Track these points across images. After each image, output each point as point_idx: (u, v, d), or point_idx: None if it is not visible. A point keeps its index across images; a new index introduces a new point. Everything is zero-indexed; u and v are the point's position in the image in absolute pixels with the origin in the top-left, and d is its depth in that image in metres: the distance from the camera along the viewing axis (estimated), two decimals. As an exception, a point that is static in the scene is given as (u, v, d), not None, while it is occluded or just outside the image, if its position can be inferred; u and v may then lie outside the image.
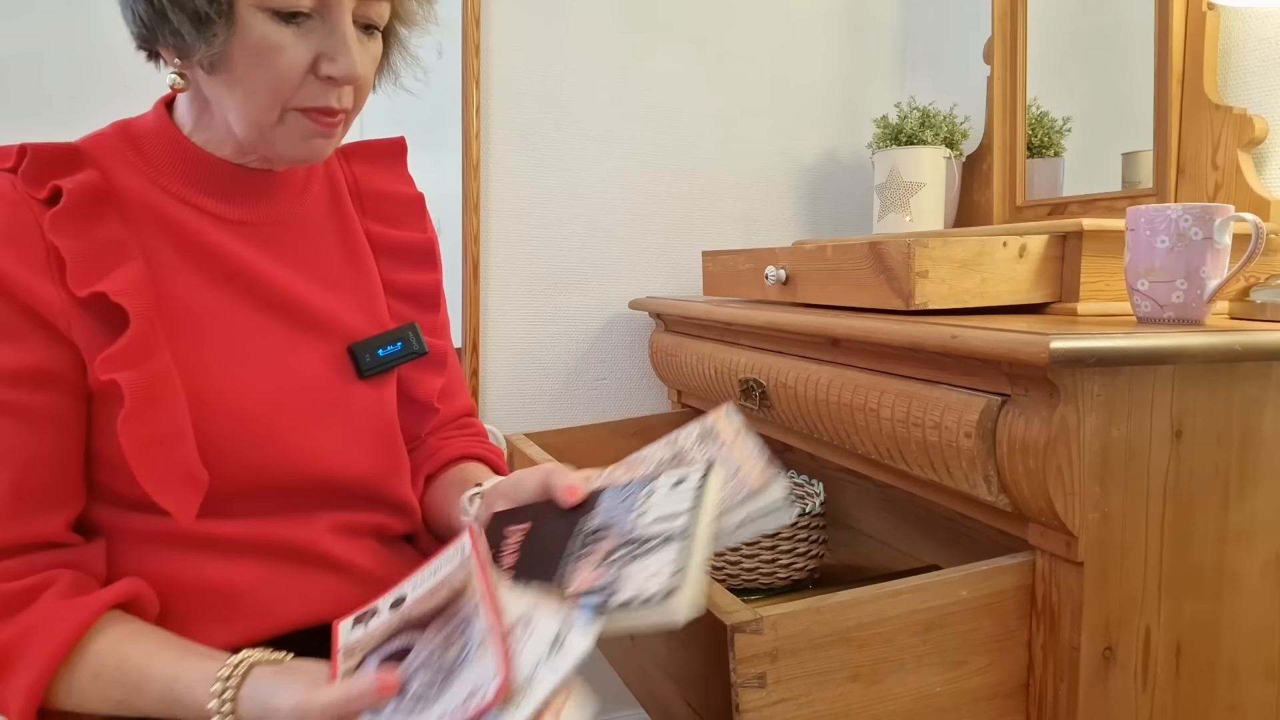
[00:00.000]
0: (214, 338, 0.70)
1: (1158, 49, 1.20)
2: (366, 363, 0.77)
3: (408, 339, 0.80)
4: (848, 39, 1.82)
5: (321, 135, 0.70)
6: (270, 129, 0.69)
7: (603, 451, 1.56)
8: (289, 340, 0.74)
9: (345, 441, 0.75)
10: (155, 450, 0.64)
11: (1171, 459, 0.77)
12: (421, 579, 0.67)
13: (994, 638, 0.79)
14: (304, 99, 0.68)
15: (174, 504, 0.65)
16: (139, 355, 0.64)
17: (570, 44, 1.64)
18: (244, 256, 0.73)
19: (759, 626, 0.69)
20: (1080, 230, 0.94)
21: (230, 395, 0.69)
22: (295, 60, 0.66)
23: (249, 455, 0.69)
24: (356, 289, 0.80)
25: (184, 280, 0.70)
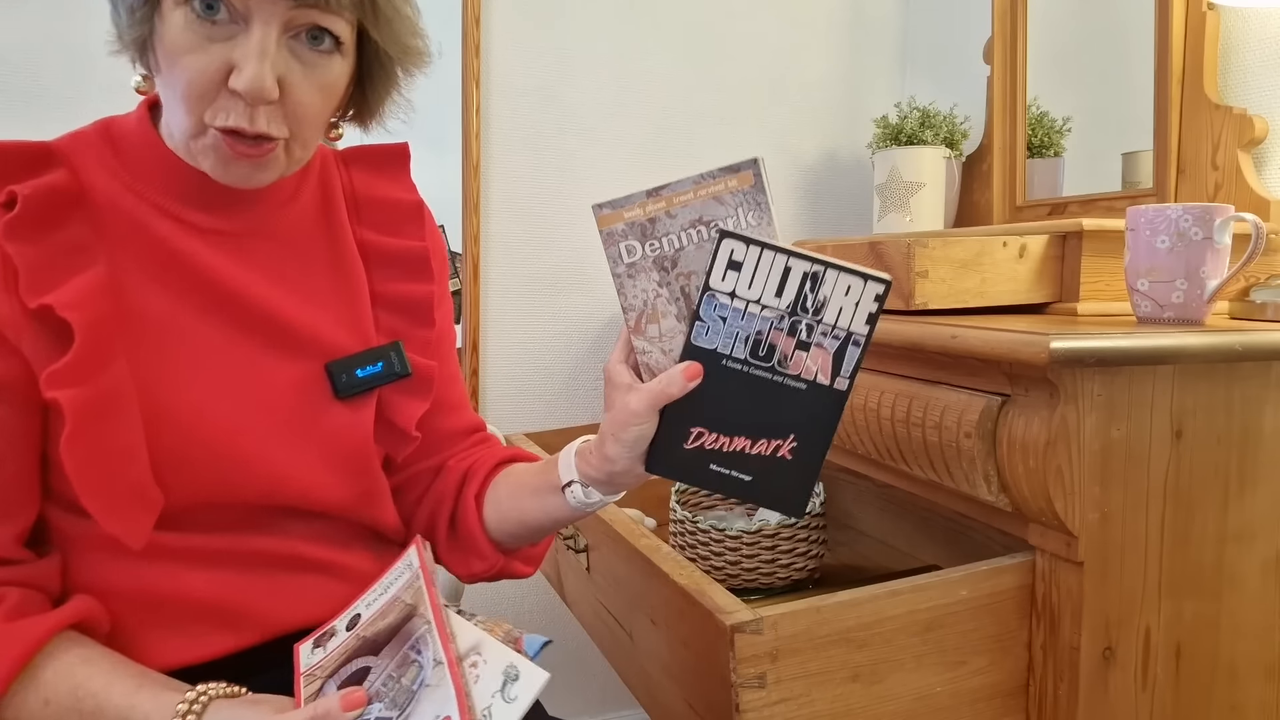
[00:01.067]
0: (178, 352, 0.66)
1: (1158, 49, 1.20)
2: (343, 382, 0.72)
3: (389, 360, 0.74)
4: (848, 39, 1.82)
5: (241, 162, 0.63)
6: (194, 142, 0.63)
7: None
8: (260, 357, 0.69)
9: (314, 465, 0.70)
10: (101, 470, 0.61)
11: (1171, 459, 0.77)
12: (374, 596, 0.67)
13: (994, 638, 0.79)
14: (218, 114, 0.61)
15: (121, 527, 0.61)
16: (84, 372, 0.60)
17: (570, 44, 1.64)
18: (218, 268, 0.68)
19: (759, 627, 0.69)
20: (1080, 230, 0.94)
21: (188, 412, 0.65)
22: (204, 65, 0.59)
23: (207, 476, 0.66)
24: (340, 303, 0.75)
25: (150, 291, 0.66)
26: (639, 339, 0.67)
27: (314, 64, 0.63)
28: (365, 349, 0.74)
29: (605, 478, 0.69)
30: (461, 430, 0.85)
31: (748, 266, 0.62)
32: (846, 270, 0.61)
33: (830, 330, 0.62)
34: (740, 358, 0.64)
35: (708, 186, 0.63)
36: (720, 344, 0.64)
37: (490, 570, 0.80)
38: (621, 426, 0.65)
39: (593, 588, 1.10)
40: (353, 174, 0.79)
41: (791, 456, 0.64)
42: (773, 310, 0.62)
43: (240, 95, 0.59)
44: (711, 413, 0.64)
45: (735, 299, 0.63)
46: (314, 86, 0.63)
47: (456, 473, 0.82)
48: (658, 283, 0.65)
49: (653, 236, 0.65)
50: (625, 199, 0.64)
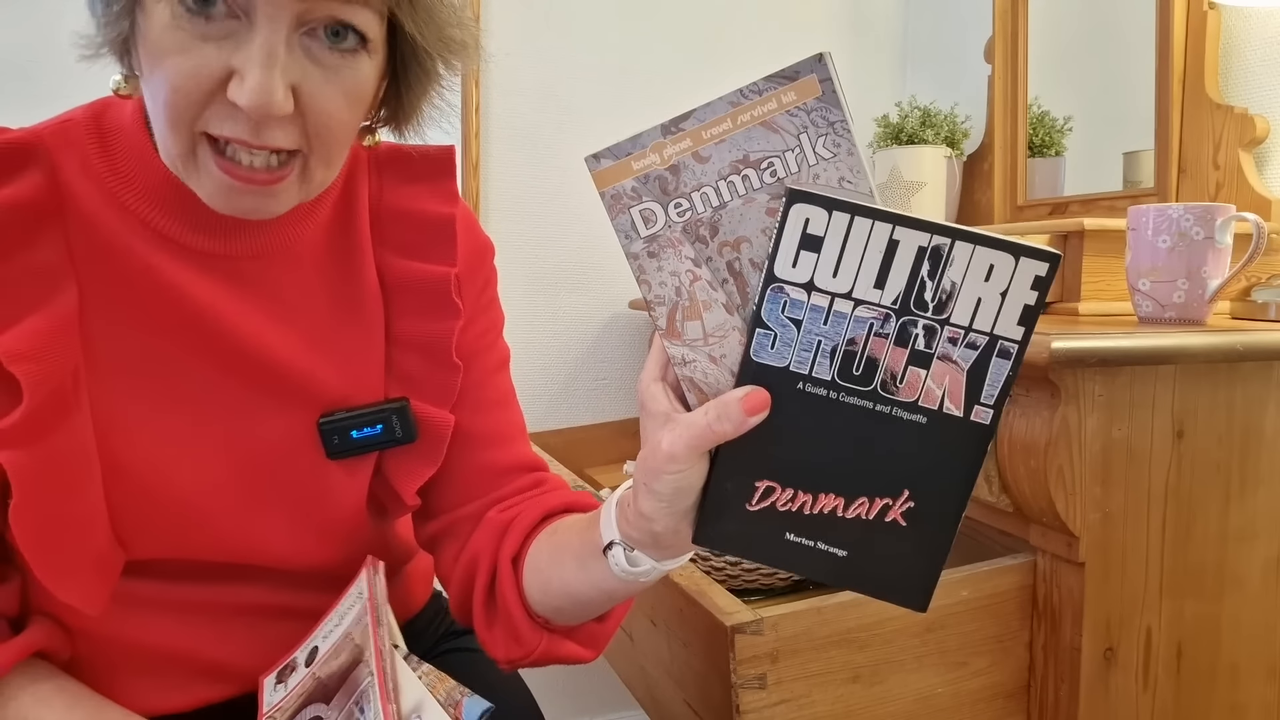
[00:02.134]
0: (149, 396, 0.57)
1: (1158, 48, 1.19)
2: (334, 444, 0.62)
3: (390, 423, 0.63)
4: (848, 39, 1.82)
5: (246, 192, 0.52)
6: (184, 162, 0.52)
7: (603, 451, 1.56)
8: (245, 405, 0.60)
9: (296, 530, 0.63)
10: (52, 540, 0.54)
11: (1173, 459, 0.77)
12: (330, 626, 0.63)
13: (995, 638, 0.79)
14: (210, 122, 0.50)
15: (75, 596, 0.55)
16: (33, 432, 0.52)
17: (570, 44, 1.63)
18: (207, 298, 0.58)
19: (759, 627, 0.69)
20: (1081, 230, 0.93)
21: (154, 468, 0.57)
22: (194, 68, 0.48)
23: (171, 537, 0.59)
24: (347, 343, 0.64)
25: (125, 322, 0.57)
26: (675, 345, 0.47)
27: (335, 67, 0.51)
28: (367, 404, 0.63)
29: (649, 539, 0.51)
30: (508, 467, 0.69)
31: (831, 242, 0.43)
32: (986, 242, 0.41)
33: (964, 335, 0.43)
34: (825, 379, 0.44)
35: (753, 107, 0.43)
36: (795, 360, 0.45)
37: (528, 655, 0.63)
38: (653, 475, 0.47)
39: (593, 588, 1.10)
40: (384, 182, 0.66)
41: (906, 522, 0.46)
42: (873, 308, 0.43)
43: (240, 108, 0.48)
44: (786, 458, 0.46)
45: (815, 293, 0.44)
46: (337, 93, 0.52)
47: (498, 525, 0.65)
48: (693, 260, 0.46)
49: (678, 193, 0.45)
50: (632, 141, 0.45)
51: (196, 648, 0.63)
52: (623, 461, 1.53)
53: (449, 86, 0.61)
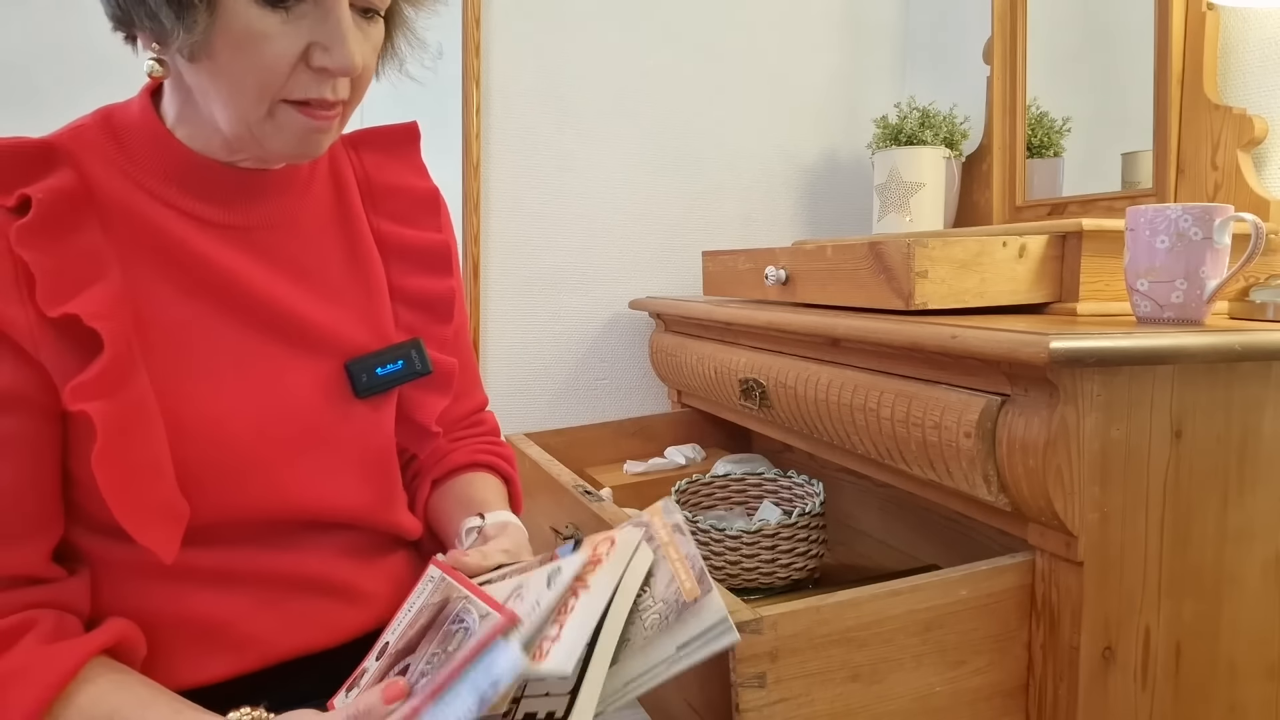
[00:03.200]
0: (196, 358, 0.64)
1: (1157, 49, 1.20)
2: (363, 382, 0.70)
3: (410, 357, 0.73)
4: (848, 39, 1.82)
5: (317, 130, 0.64)
6: (259, 124, 0.62)
7: (603, 451, 1.56)
8: (279, 358, 0.68)
9: (336, 470, 0.69)
10: (132, 485, 0.59)
11: (1171, 459, 0.77)
12: (397, 623, 0.65)
13: (994, 638, 0.79)
14: (295, 90, 0.61)
15: (154, 540, 0.60)
16: (112, 384, 0.58)
17: (570, 44, 1.64)
18: (233, 265, 0.66)
19: (759, 626, 0.69)
20: (1080, 230, 0.94)
21: (212, 422, 0.64)
22: (284, 50, 0.59)
23: (232, 485, 0.64)
24: (359, 298, 0.73)
25: (165, 294, 0.64)
26: None
27: (367, 30, 0.64)
28: (384, 346, 0.72)
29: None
30: (462, 413, 0.86)
31: None
32: None
33: None
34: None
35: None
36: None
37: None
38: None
39: (593, 587, 1.10)
40: (363, 158, 0.77)
41: None
42: None
43: (330, 72, 0.61)
44: None
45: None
46: (372, 52, 0.65)
47: (434, 456, 0.83)
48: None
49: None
50: None
51: (229, 621, 0.66)
52: (623, 461, 1.53)
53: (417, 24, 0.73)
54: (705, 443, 1.60)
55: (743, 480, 1.33)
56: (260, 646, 0.67)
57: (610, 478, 1.45)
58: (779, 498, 1.30)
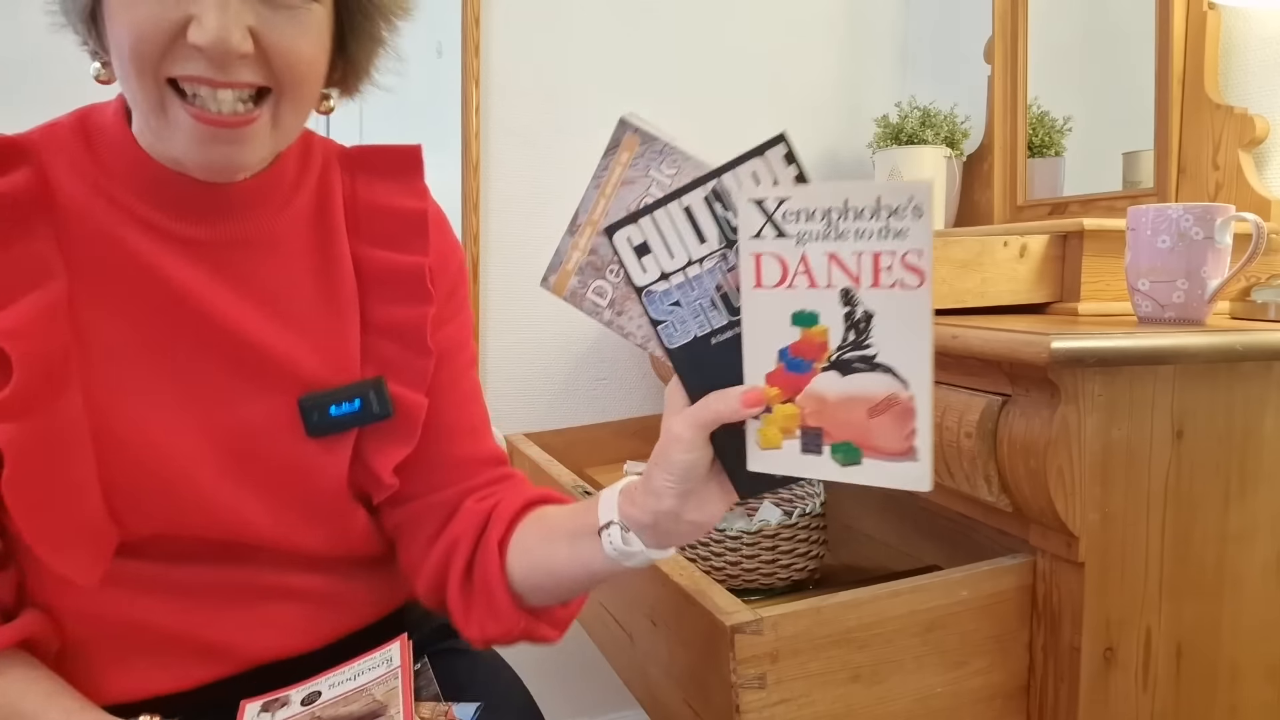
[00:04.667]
0: (138, 377, 0.61)
1: (1158, 49, 1.19)
2: (314, 421, 0.64)
3: (368, 398, 0.66)
4: (848, 39, 1.82)
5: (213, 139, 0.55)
6: (156, 119, 0.55)
7: (603, 451, 1.56)
8: (228, 386, 0.63)
9: (281, 508, 0.65)
10: (47, 510, 0.57)
11: (1172, 459, 0.77)
12: (340, 678, 0.63)
13: (994, 638, 0.79)
14: (174, 65, 0.53)
15: (70, 568, 0.58)
16: (26, 405, 0.55)
17: (570, 44, 1.63)
18: (191, 283, 0.62)
19: (759, 627, 0.69)
20: (1081, 230, 0.94)
21: (143, 446, 0.60)
22: (155, 13, 0.52)
23: (163, 512, 0.61)
24: (325, 327, 0.67)
25: (113, 308, 0.60)
26: None
27: (290, 8, 0.56)
28: (344, 384, 0.66)
29: (650, 519, 0.57)
30: (479, 459, 0.74)
31: (653, 239, 0.54)
32: (739, 161, 0.54)
33: None
34: (724, 323, 0.54)
35: (607, 180, 0.56)
36: (695, 328, 0.55)
37: (508, 633, 0.68)
38: (665, 455, 0.55)
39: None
40: (356, 179, 0.71)
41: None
42: (711, 256, 0.54)
43: (202, 50, 0.52)
44: None
45: (669, 278, 0.54)
46: (297, 33, 0.56)
47: (477, 514, 0.70)
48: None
49: (606, 265, 0.57)
50: (557, 255, 0.59)
51: (192, 628, 0.64)
52: (623, 461, 1.53)
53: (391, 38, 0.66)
54: (705, 443, 1.60)
55: (743, 480, 1.33)
56: (228, 653, 0.65)
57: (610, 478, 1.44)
58: (779, 498, 1.30)
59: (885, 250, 0.48)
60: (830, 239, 0.50)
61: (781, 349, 0.52)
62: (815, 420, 0.52)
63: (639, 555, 0.60)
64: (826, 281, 0.50)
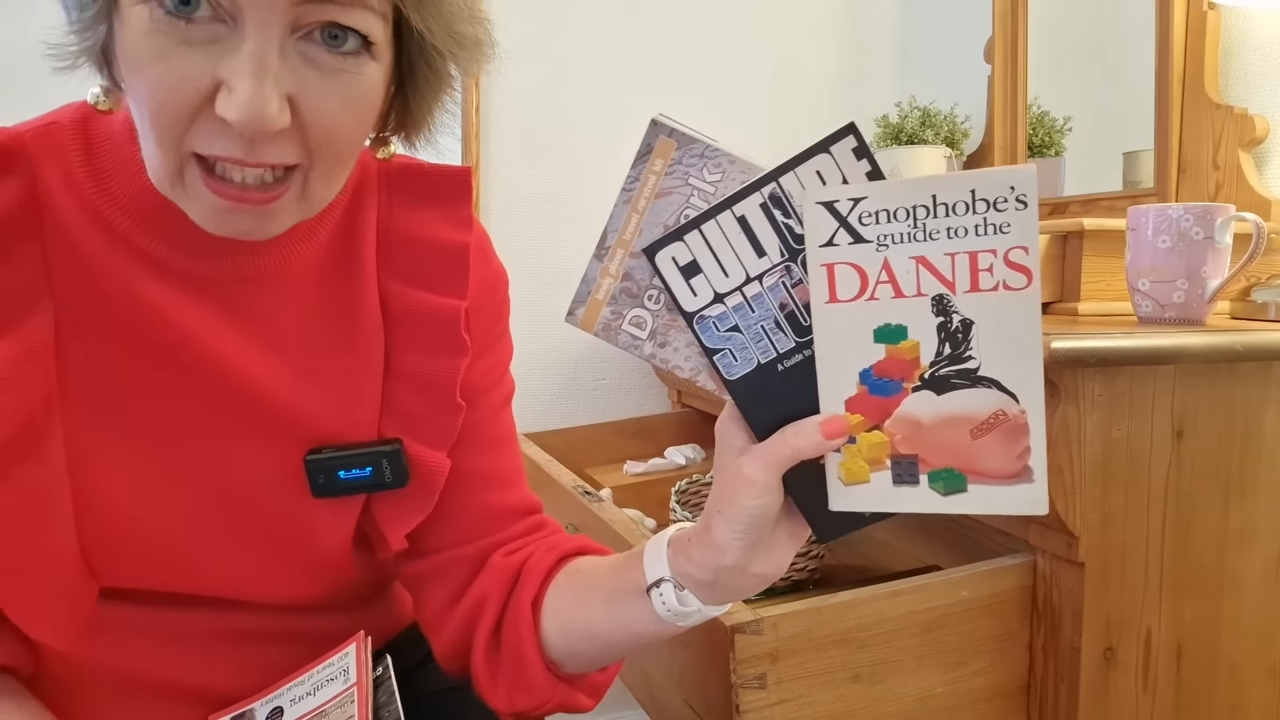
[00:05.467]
0: (128, 424, 0.54)
1: (1158, 49, 1.19)
2: (320, 484, 0.58)
3: (380, 465, 0.59)
4: (848, 39, 1.82)
5: (232, 211, 0.47)
6: (173, 184, 0.48)
7: (603, 451, 1.56)
8: (229, 440, 0.57)
9: (279, 567, 0.60)
10: (18, 577, 0.52)
11: (1172, 459, 0.77)
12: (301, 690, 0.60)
13: (995, 638, 0.79)
14: (198, 140, 0.45)
15: (46, 634, 0.54)
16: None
17: (570, 43, 1.63)
18: (192, 324, 0.54)
19: (759, 627, 0.69)
20: (1081, 230, 0.94)
21: (130, 503, 0.54)
22: (179, 78, 0.44)
23: (149, 571, 0.57)
24: (343, 377, 0.60)
25: (104, 348, 0.53)
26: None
27: (336, 70, 0.47)
28: (358, 442, 0.60)
29: (710, 576, 0.51)
30: (510, 510, 0.66)
31: (703, 257, 0.48)
32: (801, 160, 0.47)
33: None
34: (791, 345, 0.48)
35: (642, 191, 0.49)
36: (759, 354, 0.48)
37: (541, 705, 0.61)
38: (732, 503, 0.48)
39: (593, 588, 1.10)
40: (394, 202, 0.62)
41: None
42: (772, 271, 0.47)
43: (231, 126, 0.44)
44: None
45: (726, 298, 0.48)
46: (339, 101, 0.47)
47: (507, 569, 0.63)
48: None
49: (644, 290, 0.50)
50: (584, 283, 0.52)
51: (179, 673, 0.61)
52: (623, 462, 1.53)
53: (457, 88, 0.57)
54: (705, 443, 1.60)
55: (743, 480, 1.33)
56: (215, 696, 0.61)
57: (610, 478, 1.45)
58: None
59: (984, 249, 0.43)
60: (917, 241, 0.44)
61: (863, 370, 0.46)
62: (908, 447, 0.46)
63: (695, 614, 0.54)
64: (915, 289, 0.44)
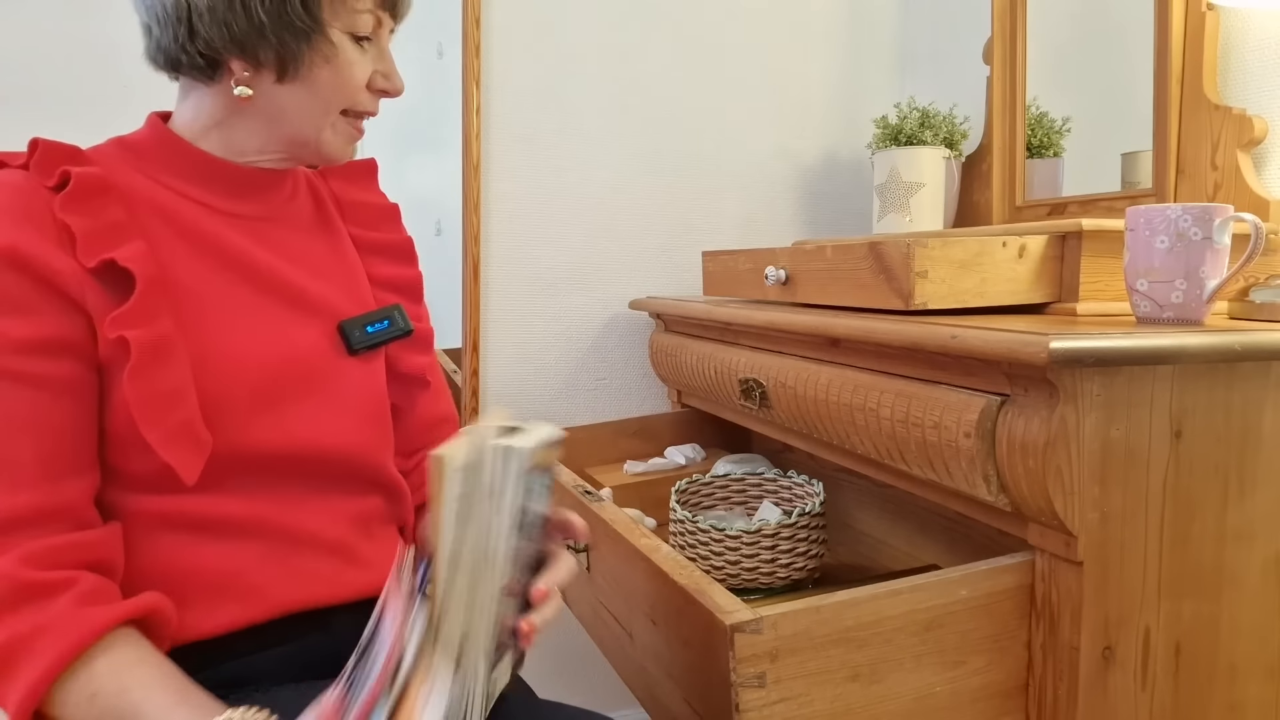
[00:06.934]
0: (213, 311, 0.74)
1: (1157, 49, 1.20)
2: (356, 338, 0.82)
3: (394, 318, 0.85)
4: (848, 39, 1.82)
5: (358, 136, 0.82)
6: (325, 130, 0.79)
7: (603, 451, 1.56)
8: (283, 317, 0.78)
9: (336, 413, 0.79)
10: (160, 405, 0.67)
11: (1171, 459, 0.77)
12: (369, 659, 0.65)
13: (993, 637, 0.79)
14: (359, 104, 0.79)
15: (179, 459, 0.68)
16: (145, 316, 0.68)
17: (570, 44, 1.64)
18: (239, 243, 0.78)
19: (759, 626, 0.69)
20: (1080, 230, 0.94)
21: (230, 359, 0.73)
22: (362, 74, 0.78)
23: (245, 419, 0.73)
24: (344, 278, 0.85)
25: (184, 261, 0.74)
26: None
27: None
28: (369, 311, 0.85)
29: None
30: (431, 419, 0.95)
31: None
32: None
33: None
34: None
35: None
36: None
37: None
38: None
39: (592, 588, 1.10)
40: (331, 184, 0.91)
41: None
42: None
43: (388, 93, 0.81)
44: None
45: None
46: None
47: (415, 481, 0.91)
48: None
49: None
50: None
51: (235, 569, 0.73)
52: (623, 461, 1.53)
53: None
54: (705, 443, 1.60)
55: (743, 480, 1.33)
56: (266, 598, 0.73)
57: (610, 478, 1.45)
58: (779, 498, 1.30)
59: None
60: None
61: None
62: None
63: None
64: None
